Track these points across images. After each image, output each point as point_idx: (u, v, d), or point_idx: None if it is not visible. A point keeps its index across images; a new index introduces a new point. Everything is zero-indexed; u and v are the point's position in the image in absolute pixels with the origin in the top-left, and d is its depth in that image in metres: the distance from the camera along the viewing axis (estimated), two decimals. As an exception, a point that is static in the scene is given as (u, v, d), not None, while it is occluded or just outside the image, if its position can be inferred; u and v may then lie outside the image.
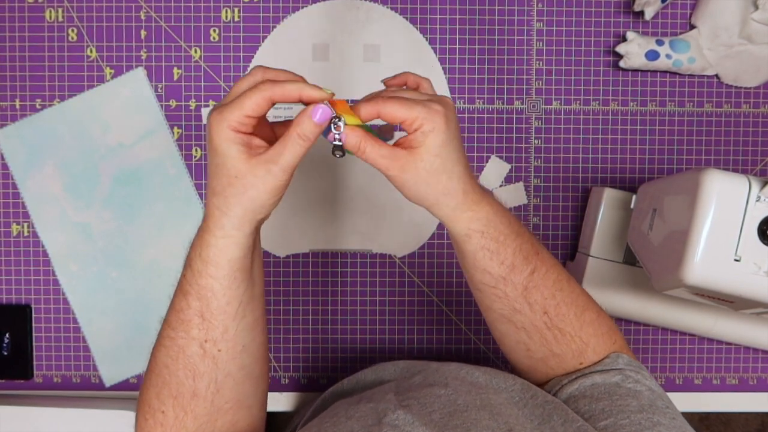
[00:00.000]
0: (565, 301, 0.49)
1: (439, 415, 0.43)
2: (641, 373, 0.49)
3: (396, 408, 0.44)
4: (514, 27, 0.73)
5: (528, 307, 0.48)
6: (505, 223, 0.47)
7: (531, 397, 0.47)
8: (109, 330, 0.72)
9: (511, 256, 0.46)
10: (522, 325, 0.49)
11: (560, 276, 0.49)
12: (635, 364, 0.50)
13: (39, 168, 0.72)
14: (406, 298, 0.73)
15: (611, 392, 0.46)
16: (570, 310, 0.49)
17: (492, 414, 0.44)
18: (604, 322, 0.52)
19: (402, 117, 0.42)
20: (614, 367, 0.49)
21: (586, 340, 0.50)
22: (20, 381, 0.72)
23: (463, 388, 0.47)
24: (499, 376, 0.51)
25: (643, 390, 0.47)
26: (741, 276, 0.49)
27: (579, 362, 0.50)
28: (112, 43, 0.72)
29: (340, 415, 0.46)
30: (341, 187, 0.73)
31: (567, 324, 0.49)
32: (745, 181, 0.50)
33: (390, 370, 0.57)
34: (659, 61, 0.69)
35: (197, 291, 0.44)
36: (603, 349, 0.50)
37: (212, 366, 0.44)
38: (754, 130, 0.73)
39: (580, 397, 0.47)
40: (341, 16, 0.72)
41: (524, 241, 0.47)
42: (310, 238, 0.73)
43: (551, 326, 0.49)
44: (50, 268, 0.72)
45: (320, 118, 0.41)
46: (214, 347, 0.44)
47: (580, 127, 0.73)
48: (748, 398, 0.74)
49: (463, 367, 0.52)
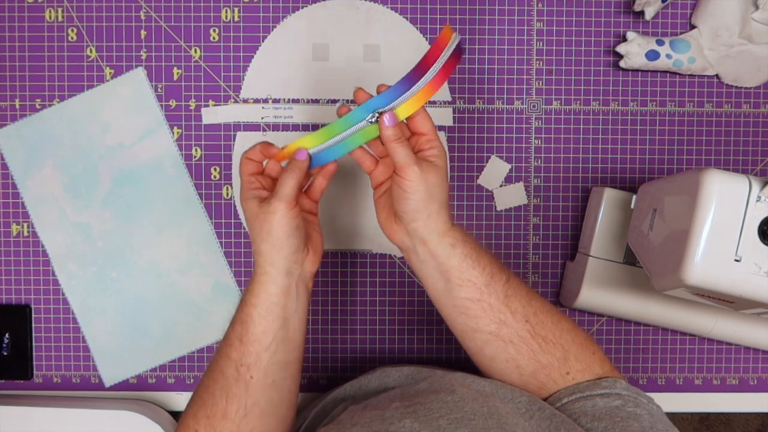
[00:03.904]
0: (542, 309, 0.53)
1: (446, 421, 0.43)
2: (639, 398, 0.50)
3: (402, 417, 0.44)
4: (514, 27, 0.72)
5: (511, 316, 0.52)
6: (472, 238, 0.54)
7: (538, 410, 0.48)
8: (109, 330, 0.72)
9: (489, 265, 0.52)
10: (509, 338, 0.52)
11: (529, 289, 0.54)
12: (633, 389, 0.51)
13: (39, 168, 0.72)
14: (406, 298, 0.73)
15: (612, 414, 0.48)
16: (547, 317, 0.53)
17: (500, 423, 0.44)
18: (580, 333, 0.55)
19: (429, 129, 0.53)
20: (614, 392, 0.50)
21: (567, 347, 0.53)
22: (20, 381, 0.72)
23: (469, 396, 0.47)
24: (505, 387, 0.52)
25: (643, 414, 0.48)
26: (741, 276, 0.49)
27: (566, 371, 0.52)
28: (112, 43, 0.72)
29: (345, 422, 0.46)
30: (341, 187, 0.73)
31: (548, 331, 0.52)
32: (745, 181, 0.50)
33: (394, 376, 0.57)
34: (659, 61, 0.69)
35: (240, 317, 0.52)
36: (584, 356, 0.53)
37: (243, 390, 0.51)
38: (754, 130, 0.73)
39: (581, 414, 0.49)
40: (341, 16, 0.72)
41: (493, 255, 0.54)
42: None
43: (534, 334, 0.52)
44: (50, 268, 0.72)
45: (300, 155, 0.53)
46: (247, 372, 0.51)
47: (580, 127, 0.73)
48: (748, 398, 0.74)
49: (469, 375, 0.53)
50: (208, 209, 0.72)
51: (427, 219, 0.51)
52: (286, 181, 0.51)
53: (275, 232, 0.51)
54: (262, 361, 0.51)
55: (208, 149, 0.72)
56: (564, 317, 0.55)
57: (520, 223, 0.73)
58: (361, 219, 0.73)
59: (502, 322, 0.52)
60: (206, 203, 0.72)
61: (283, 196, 0.51)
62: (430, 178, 0.51)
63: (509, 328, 0.52)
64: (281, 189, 0.51)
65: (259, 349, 0.51)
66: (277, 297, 0.52)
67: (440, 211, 0.52)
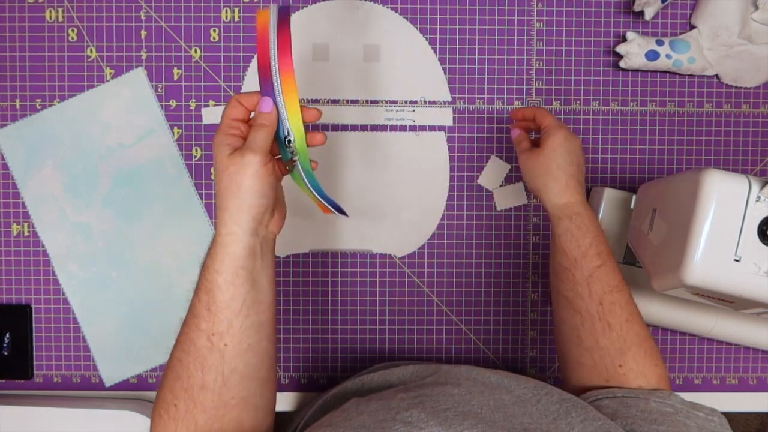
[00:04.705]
0: (620, 304, 0.56)
1: (453, 413, 0.43)
2: (694, 412, 0.50)
3: (409, 407, 0.44)
4: (514, 27, 0.72)
5: (588, 292, 0.56)
6: (590, 222, 0.58)
7: (546, 395, 0.48)
8: (109, 330, 0.72)
9: (586, 246, 0.56)
10: (579, 309, 0.56)
11: (623, 288, 0.56)
12: (688, 403, 0.51)
13: (39, 168, 0.72)
14: (406, 298, 0.73)
15: (663, 414, 0.49)
16: (622, 312, 0.55)
17: (506, 416, 0.44)
18: (650, 342, 0.56)
19: (543, 119, 0.61)
20: (668, 402, 0.51)
21: (628, 344, 0.55)
22: (20, 381, 0.72)
23: (476, 389, 0.47)
24: (510, 376, 0.52)
25: (692, 425, 0.48)
26: (741, 276, 0.49)
27: (619, 363, 0.54)
28: (112, 43, 0.72)
29: (350, 410, 0.46)
30: (341, 187, 0.73)
31: (615, 321, 0.55)
32: (745, 181, 0.50)
33: (398, 375, 0.57)
34: (659, 61, 0.69)
35: (205, 285, 0.49)
36: (642, 361, 0.55)
37: (219, 359, 0.48)
38: (754, 130, 0.73)
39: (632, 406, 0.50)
40: (341, 16, 0.72)
41: (600, 242, 0.57)
42: (310, 238, 0.73)
43: (601, 317, 0.55)
44: (50, 268, 0.72)
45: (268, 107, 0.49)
46: (221, 341, 0.48)
47: (580, 127, 0.73)
48: (748, 398, 0.74)
49: (474, 368, 0.53)
50: (208, 209, 0.72)
51: (540, 190, 0.60)
52: (258, 132, 0.48)
53: (247, 187, 0.47)
54: (234, 327, 0.48)
55: (208, 149, 0.72)
56: (640, 322, 0.56)
57: (520, 223, 0.73)
58: (362, 219, 0.73)
59: (579, 294, 0.56)
60: (206, 203, 0.72)
61: (257, 148, 0.47)
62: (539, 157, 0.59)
63: (582, 301, 0.56)
64: (255, 140, 0.47)
65: (230, 315, 0.48)
66: (243, 260, 0.48)
67: (552, 183, 0.59)
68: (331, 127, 0.72)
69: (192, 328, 0.49)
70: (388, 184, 0.73)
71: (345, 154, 0.73)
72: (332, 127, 0.72)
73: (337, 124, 0.72)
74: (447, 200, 0.73)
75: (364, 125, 0.72)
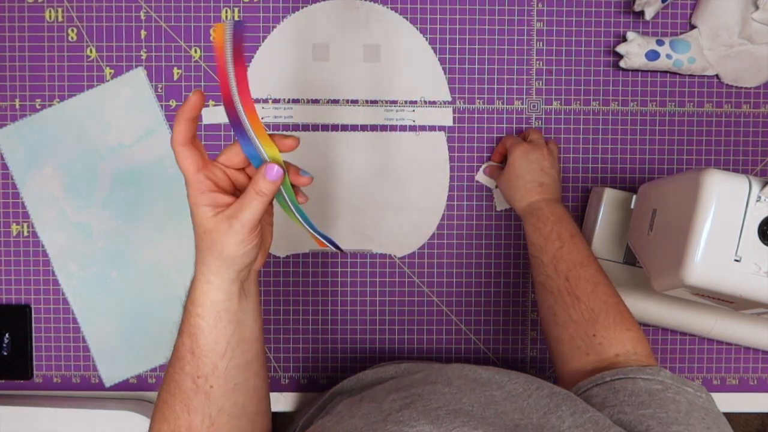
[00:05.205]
0: (585, 277, 0.59)
1: (445, 412, 0.43)
2: (684, 387, 0.50)
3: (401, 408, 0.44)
4: (514, 27, 0.72)
5: (555, 272, 0.60)
6: (550, 213, 0.64)
7: (536, 389, 0.48)
8: (109, 330, 0.72)
9: (548, 232, 0.62)
10: (551, 289, 0.60)
11: (588, 263, 0.60)
12: (678, 379, 0.51)
13: (39, 168, 0.72)
14: (406, 298, 0.73)
15: (652, 394, 0.49)
16: (587, 285, 0.59)
17: (497, 412, 0.44)
18: (618, 309, 0.58)
19: (506, 142, 0.71)
20: (657, 378, 0.50)
21: (596, 313, 0.57)
22: (20, 381, 0.72)
23: (467, 387, 0.47)
24: (501, 372, 0.51)
25: (682, 401, 0.48)
26: (741, 276, 0.49)
27: (592, 333, 0.56)
28: (112, 43, 0.71)
29: (342, 414, 0.46)
30: (341, 187, 0.73)
31: (582, 294, 0.59)
32: (745, 181, 0.50)
33: (391, 371, 0.57)
34: (659, 61, 0.69)
35: (188, 329, 0.47)
36: (613, 327, 0.56)
37: (205, 401, 0.47)
38: (754, 130, 0.73)
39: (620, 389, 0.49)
40: (341, 16, 0.72)
41: (561, 228, 0.62)
42: (310, 238, 0.73)
43: (570, 292, 0.59)
44: (50, 268, 0.72)
45: (275, 176, 0.45)
46: (206, 383, 0.47)
47: (580, 127, 0.73)
48: (748, 398, 0.74)
49: (465, 366, 0.52)
50: (208, 209, 0.72)
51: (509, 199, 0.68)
52: (254, 203, 0.44)
53: (230, 251, 0.45)
54: (219, 369, 0.47)
55: (208, 149, 0.72)
56: (607, 291, 0.59)
57: (520, 223, 0.73)
58: (362, 219, 0.73)
59: (548, 276, 0.61)
60: (206, 203, 0.72)
61: (249, 223, 0.44)
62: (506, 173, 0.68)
63: (552, 281, 0.60)
64: (249, 211, 0.44)
65: (215, 358, 0.47)
66: (224, 303, 0.47)
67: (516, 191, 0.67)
68: (331, 127, 0.72)
69: (177, 370, 0.48)
70: (388, 184, 0.73)
71: (345, 154, 0.73)
72: (332, 127, 0.72)
73: (337, 125, 0.72)
74: (447, 200, 0.73)
75: (364, 125, 0.72)
